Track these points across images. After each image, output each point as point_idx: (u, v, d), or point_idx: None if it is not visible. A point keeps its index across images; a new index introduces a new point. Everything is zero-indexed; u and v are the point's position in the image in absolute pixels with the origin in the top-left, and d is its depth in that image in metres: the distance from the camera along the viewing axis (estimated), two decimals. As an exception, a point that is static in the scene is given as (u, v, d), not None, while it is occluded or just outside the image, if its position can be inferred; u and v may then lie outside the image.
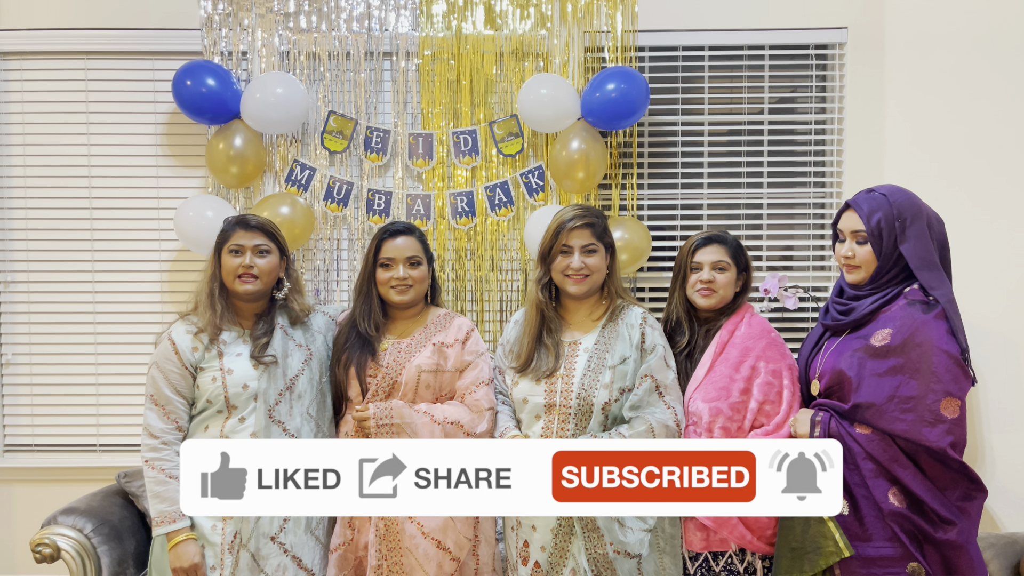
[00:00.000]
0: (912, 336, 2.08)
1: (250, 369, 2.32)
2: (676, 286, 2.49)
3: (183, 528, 2.24)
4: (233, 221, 2.40)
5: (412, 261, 2.45)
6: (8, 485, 3.42)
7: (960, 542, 2.06)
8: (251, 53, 3.31)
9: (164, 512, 2.24)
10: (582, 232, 2.34)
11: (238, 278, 2.34)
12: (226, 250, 2.36)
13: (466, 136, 3.30)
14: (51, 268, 3.41)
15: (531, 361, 2.37)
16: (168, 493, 2.24)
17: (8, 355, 3.42)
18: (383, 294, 2.47)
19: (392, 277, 2.43)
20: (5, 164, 3.40)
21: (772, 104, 3.39)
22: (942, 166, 3.04)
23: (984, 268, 2.93)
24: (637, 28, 3.28)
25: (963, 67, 3.03)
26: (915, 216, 2.17)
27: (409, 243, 2.46)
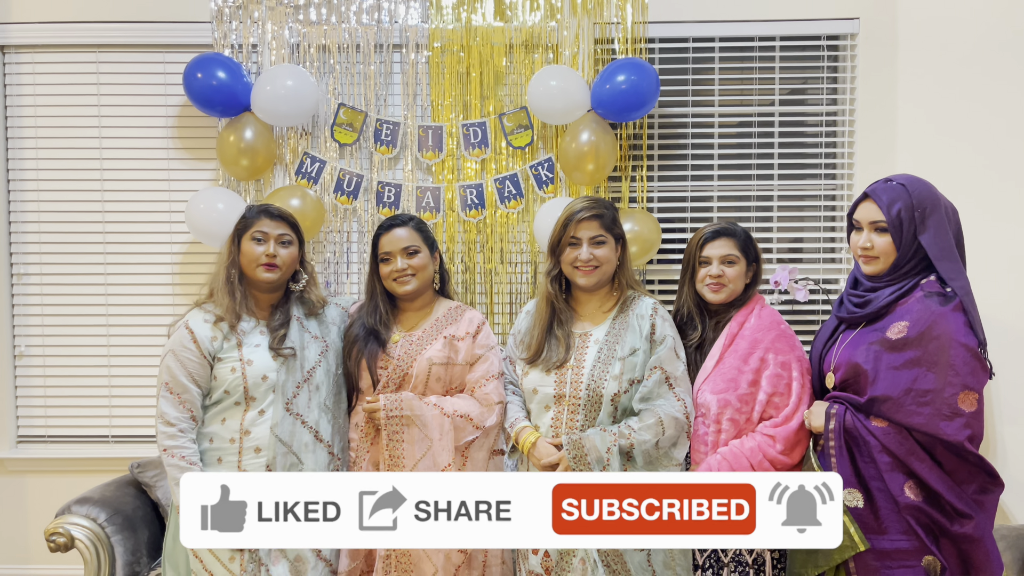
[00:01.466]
0: (929, 329, 2.06)
1: (269, 360, 2.31)
2: (685, 280, 2.47)
3: None
4: (257, 209, 2.39)
5: (409, 251, 2.44)
6: (22, 476, 3.45)
7: (976, 535, 2.05)
8: (261, 46, 3.31)
9: None
10: (591, 224, 2.34)
11: (260, 266, 2.33)
12: (248, 237, 2.34)
13: (476, 128, 3.29)
14: (63, 260, 3.43)
15: (541, 352, 2.37)
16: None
17: (21, 347, 3.45)
18: (388, 288, 2.48)
19: (392, 270, 2.43)
20: (18, 157, 3.42)
21: (783, 96, 3.38)
22: (956, 158, 3.02)
23: (1000, 259, 2.91)
24: (647, 19, 3.27)
25: (977, 57, 3.00)
26: (934, 206, 2.15)
27: (405, 233, 2.45)
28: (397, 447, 2.31)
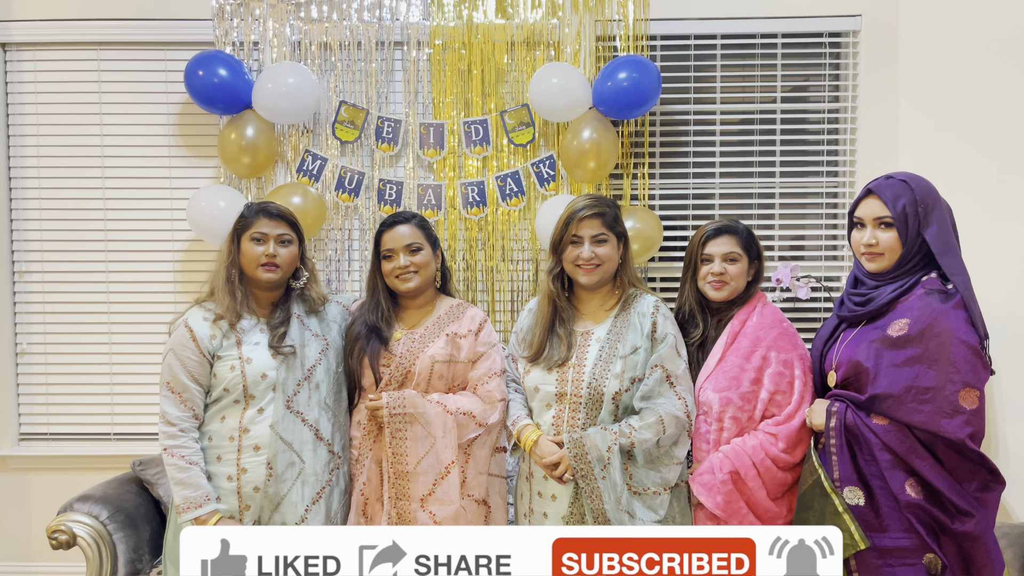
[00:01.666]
0: (930, 326, 2.06)
1: (269, 359, 2.31)
2: (687, 278, 2.47)
3: (211, 512, 2.23)
4: (256, 209, 2.38)
5: (412, 248, 2.44)
6: (24, 473, 3.46)
7: (977, 533, 2.05)
8: (263, 43, 3.31)
9: (189, 498, 2.22)
10: (592, 222, 2.33)
11: (261, 266, 2.33)
12: (247, 237, 2.34)
13: (477, 126, 3.29)
14: (65, 258, 3.43)
15: (543, 351, 2.37)
16: (190, 479, 2.23)
17: (23, 345, 3.45)
18: (391, 285, 2.48)
19: (395, 267, 2.43)
20: (19, 155, 3.42)
21: (785, 93, 3.37)
22: (958, 155, 3.01)
23: (1002, 257, 2.91)
24: (649, 17, 3.27)
25: (979, 54, 3.00)
26: (935, 202, 2.17)
27: (407, 230, 2.45)
28: (400, 445, 2.31)
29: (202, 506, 2.22)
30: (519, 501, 2.45)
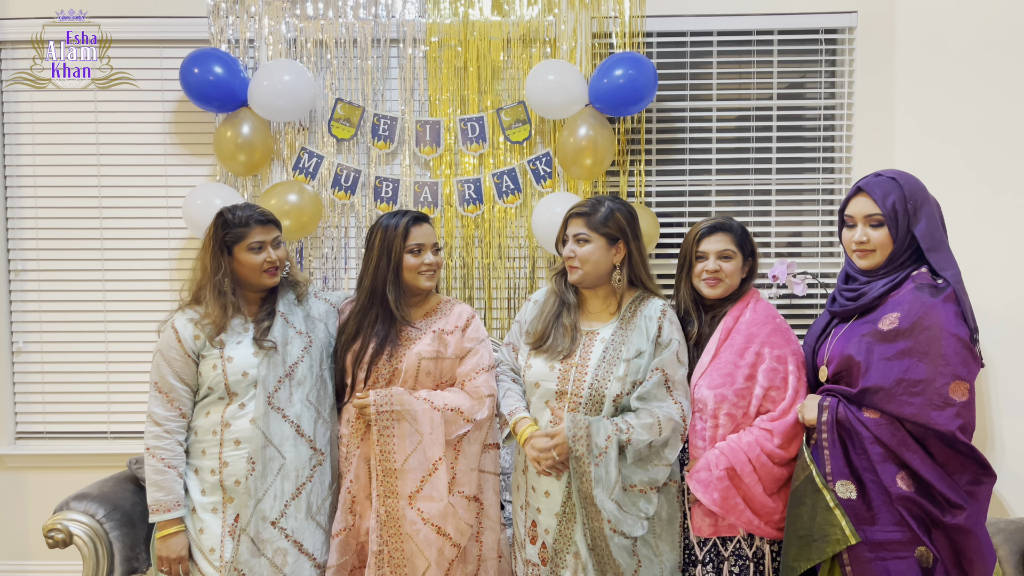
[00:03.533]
0: (920, 319, 2.07)
1: (250, 356, 2.34)
2: (682, 275, 2.46)
3: (175, 519, 2.29)
4: (243, 218, 2.37)
5: (436, 248, 2.48)
6: (20, 472, 3.46)
7: (969, 526, 2.05)
8: (258, 41, 3.31)
9: (160, 500, 2.28)
10: (576, 221, 2.35)
11: (264, 272, 2.38)
12: (243, 248, 2.35)
13: (473, 123, 3.29)
14: (61, 256, 3.43)
15: (547, 337, 2.36)
16: (166, 482, 2.28)
17: (19, 343, 3.45)
18: (410, 280, 2.44)
19: (422, 263, 2.43)
20: (14, 153, 3.42)
21: (781, 90, 3.37)
22: (953, 152, 3.01)
23: (996, 253, 2.91)
24: (645, 13, 3.26)
25: (974, 51, 3.00)
26: (924, 198, 2.18)
27: (432, 230, 2.49)
28: (388, 442, 2.31)
29: (171, 511, 2.29)
30: (516, 493, 2.45)
